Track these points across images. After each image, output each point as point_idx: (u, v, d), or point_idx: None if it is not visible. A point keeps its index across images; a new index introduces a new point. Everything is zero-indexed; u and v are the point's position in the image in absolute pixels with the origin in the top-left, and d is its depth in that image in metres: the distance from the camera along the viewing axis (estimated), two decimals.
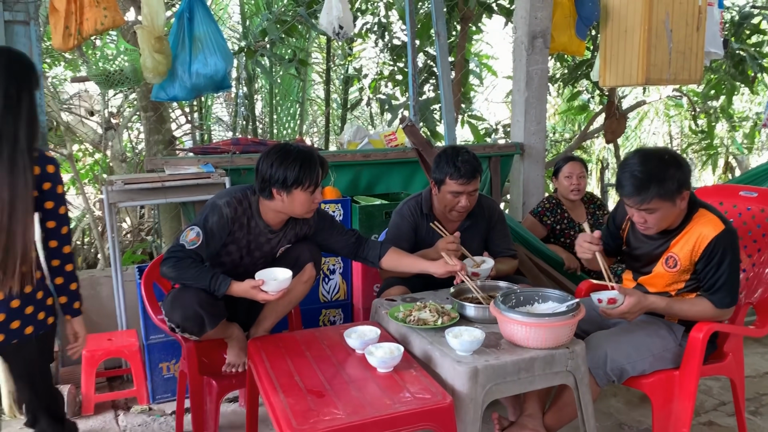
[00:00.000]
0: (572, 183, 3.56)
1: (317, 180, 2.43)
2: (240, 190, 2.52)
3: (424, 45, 5.71)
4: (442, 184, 2.76)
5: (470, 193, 2.73)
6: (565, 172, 3.60)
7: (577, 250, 2.49)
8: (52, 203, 2.04)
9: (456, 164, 2.68)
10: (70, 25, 3.15)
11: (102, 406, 3.09)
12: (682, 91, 7.27)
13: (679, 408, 2.38)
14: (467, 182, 2.69)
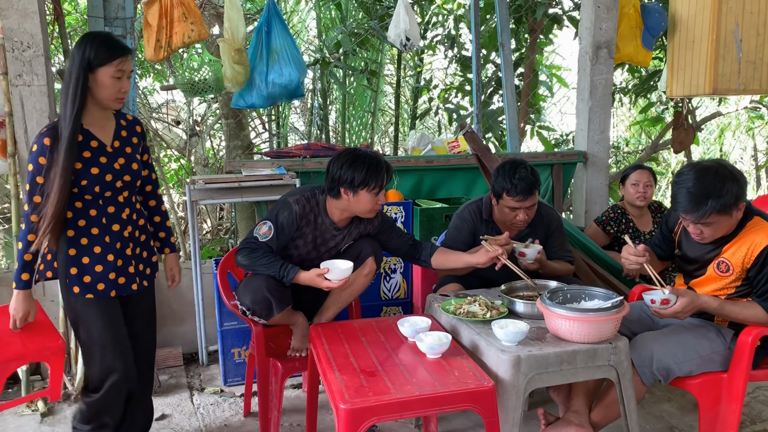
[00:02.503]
0: (638, 191, 3.59)
1: (382, 183, 2.61)
2: (309, 189, 2.73)
3: (491, 56, 5.83)
4: (500, 198, 2.86)
5: (527, 209, 2.82)
6: (633, 179, 3.64)
7: (623, 263, 2.55)
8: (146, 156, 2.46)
9: (513, 181, 2.76)
10: (161, 38, 3.48)
11: (177, 386, 3.36)
12: (762, 102, 7.05)
13: (726, 411, 2.41)
14: (524, 199, 2.78)
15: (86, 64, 2.12)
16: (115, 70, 2.15)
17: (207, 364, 3.63)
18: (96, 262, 2.26)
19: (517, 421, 2.10)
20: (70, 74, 2.12)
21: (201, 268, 3.56)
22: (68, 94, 2.11)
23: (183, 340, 3.74)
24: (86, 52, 2.11)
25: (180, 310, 3.76)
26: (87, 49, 2.12)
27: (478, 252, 2.69)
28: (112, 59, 2.14)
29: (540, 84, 6.45)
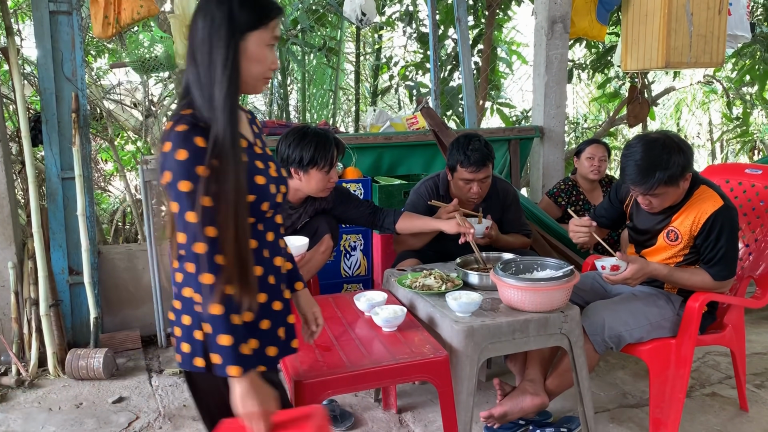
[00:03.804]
0: (593, 164, 3.65)
1: (332, 160, 2.59)
2: None
3: (449, 32, 5.82)
4: (455, 171, 2.87)
5: (481, 181, 2.84)
6: (588, 153, 3.69)
7: (572, 235, 2.59)
8: None
9: (466, 153, 2.78)
10: (108, 14, 3.38)
11: (135, 369, 3.32)
12: (715, 77, 7.19)
13: (675, 375, 2.47)
14: (477, 170, 2.79)
15: (235, 28, 1.42)
16: (270, 36, 1.48)
17: (166, 346, 3.59)
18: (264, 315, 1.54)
19: (471, 390, 2.13)
20: (211, 42, 1.41)
21: (158, 249, 3.51)
22: (215, 69, 1.40)
23: (141, 322, 3.70)
24: (233, 9, 1.42)
25: (137, 293, 3.70)
26: (234, 5, 1.42)
27: (450, 221, 2.71)
28: (269, 20, 1.47)
29: (499, 60, 6.46)
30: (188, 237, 1.37)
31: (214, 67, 1.40)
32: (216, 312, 1.36)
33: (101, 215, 6.15)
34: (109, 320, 3.65)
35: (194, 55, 1.42)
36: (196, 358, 1.43)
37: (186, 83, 1.46)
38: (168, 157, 1.37)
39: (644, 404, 2.81)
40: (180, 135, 1.37)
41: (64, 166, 3.44)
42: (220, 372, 1.39)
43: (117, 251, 3.75)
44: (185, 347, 1.45)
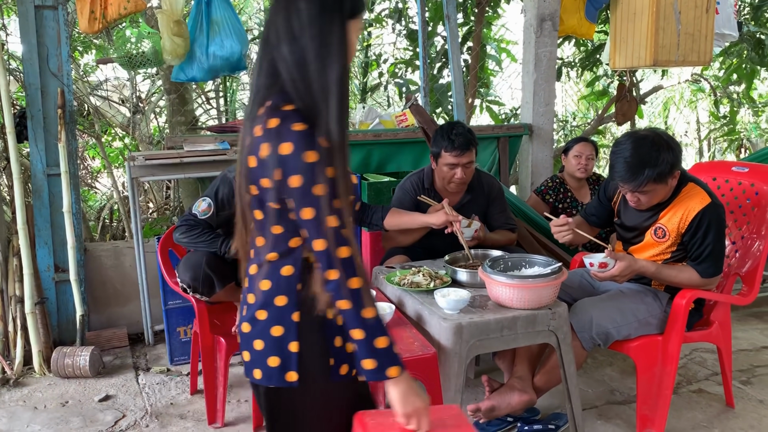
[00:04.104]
0: (580, 162, 3.65)
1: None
2: None
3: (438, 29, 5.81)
4: (439, 157, 2.88)
5: (465, 165, 2.85)
6: (576, 151, 3.69)
7: (556, 237, 2.59)
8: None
9: (450, 137, 2.80)
10: (95, 9, 3.35)
11: (122, 367, 3.30)
12: (703, 76, 7.23)
13: (662, 372, 2.48)
14: (461, 154, 2.81)
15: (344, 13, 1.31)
16: (361, 24, 1.40)
17: (153, 343, 3.57)
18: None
19: (459, 387, 2.13)
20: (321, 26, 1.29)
21: (144, 246, 3.48)
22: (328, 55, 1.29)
23: (128, 320, 3.67)
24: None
25: (124, 290, 3.68)
26: None
27: (436, 213, 2.73)
28: (364, 9, 1.39)
29: (488, 58, 6.46)
30: (330, 243, 1.27)
31: (326, 53, 1.29)
32: (371, 315, 1.30)
33: (88, 212, 6.11)
34: (96, 318, 3.62)
35: (296, 39, 1.29)
36: (289, 372, 1.35)
37: (274, 69, 1.32)
38: (293, 160, 1.25)
39: (632, 401, 2.83)
40: (303, 135, 1.26)
41: (50, 162, 3.41)
42: (374, 377, 1.33)
43: (104, 248, 3.72)
44: (273, 361, 1.35)
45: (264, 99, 1.33)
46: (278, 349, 1.35)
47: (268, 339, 1.36)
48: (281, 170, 1.27)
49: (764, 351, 3.39)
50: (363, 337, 1.30)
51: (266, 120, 1.29)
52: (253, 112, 1.34)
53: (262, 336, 1.36)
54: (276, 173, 1.27)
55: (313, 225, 1.28)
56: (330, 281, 1.29)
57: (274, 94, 1.32)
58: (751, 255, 2.71)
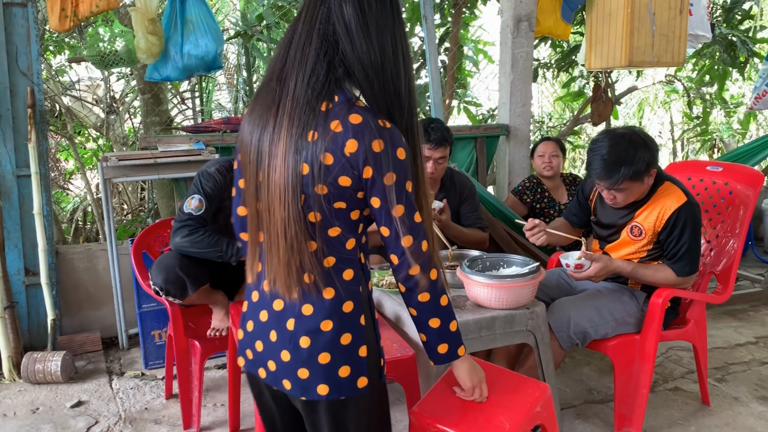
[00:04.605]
0: (544, 161, 3.70)
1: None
2: (225, 159, 2.65)
3: (415, 29, 5.81)
4: None
5: (437, 160, 2.88)
6: (539, 151, 3.75)
7: (531, 239, 2.59)
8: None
9: (427, 130, 2.84)
10: (66, 6, 3.28)
11: (95, 372, 3.23)
12: (676, 77, 7.33)
13: (639, 371, 2.50)
14: (434, 148, 2.85)
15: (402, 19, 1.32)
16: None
17: (127, 347, 3.50)
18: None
19: None
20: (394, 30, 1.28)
21: (117, 248, 3.42)
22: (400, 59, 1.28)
23: (102, 324, 3.60)
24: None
25: (97, 293, 3.61)
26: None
27: None
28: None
29: (466, 59, 6.48)
30: (416, 238, 1.29)
31: (402, 56, 1.29)
32: (446, 303, 1.36)
33: (61, 214, 6.00)
34: (68, 322, 3.55)
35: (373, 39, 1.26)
36: (360, 378, 1.31)
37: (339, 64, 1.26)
38: (386, 157, 1.24)
39: (609, 400, 2.84)
40: (393, 132, 1.25)
41: (20, 163, 3.33)
42: (448, 359, 1.42)
43: (76, 251, 3.65)
44: (344, 371, 1.30)
45: (326, 93, 1.25)
46: (349, 356, 1.30)
47: (338, 349, 1.29)
48: (372, 167, 1.24)
49: (738, 348, 3.44)
50: (439, 324, 1.36)
51: (346, 115, 1.23)
52: (312, 106, 1.24)
53: (330, 347, 1.29)
54: (366, 171, 1.24)
55: (402, 222, 1.28)
56: (412, 276, 1.31)
57: (339, 90, 1.27)
58: (726, 254, 2.74)
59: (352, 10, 1.25)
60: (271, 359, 1.33)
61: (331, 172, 1.23)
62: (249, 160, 1.30)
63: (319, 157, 1.22)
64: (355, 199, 1.27)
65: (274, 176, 1.25)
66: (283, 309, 1.31)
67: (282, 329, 1.31)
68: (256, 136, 1.29)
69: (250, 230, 1.36)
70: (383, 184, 1.25)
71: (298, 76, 1.25)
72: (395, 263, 1.32)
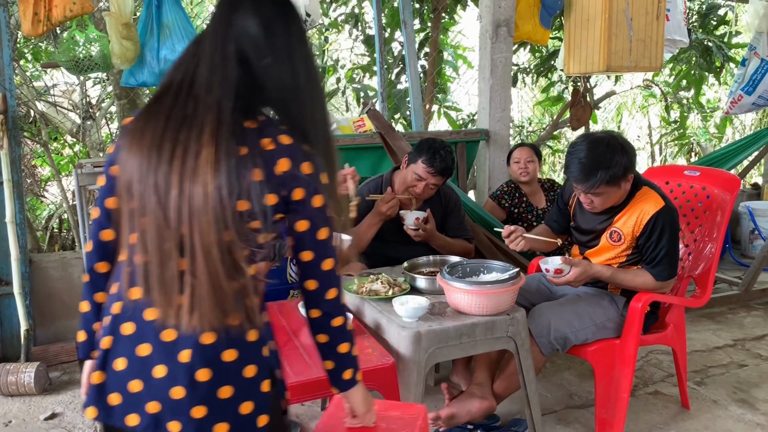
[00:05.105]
0: (520, 167, 3.71)
1: None
2: None
3: (395, 35, 5.80)
4: (413, 163, 2.87)
5: (429, 185, 2.86)
6: (515, 157, 3.76)
7: (510, 246, 2.58)
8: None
9: (435, 155, 2.80)
10: (39, 11, 3.22)
11: (70, 383, 3.17)
12: (654, 81, 7.40)
13: (620, 375, 2.50)
14: (434, 174, 2.82)
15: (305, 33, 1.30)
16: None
17: None
18: None
19: (419, 397, 2.10)
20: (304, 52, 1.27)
21: None
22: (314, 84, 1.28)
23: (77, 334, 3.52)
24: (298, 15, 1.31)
25: (72, 303, 3.53)
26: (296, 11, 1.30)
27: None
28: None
29: (445, 64, 6.49)
30: (335, 263, 1.30)
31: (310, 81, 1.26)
32: (351, 327, 1.36)
33: (36, 222, 5.90)
34: (42, 332, 3.47)
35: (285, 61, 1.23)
36: (262, 415, 1.22)
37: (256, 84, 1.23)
38: (315, 180, 1.24)
39: (590, 404, 2.84)
40: (317, 157, 1.25)
41: None
42: (351, 385, 1.40)
43: (50, 260, 3.58)
44: (246, 408, 1.20)
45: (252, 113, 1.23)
46: (252, 391, 1.21)
47: (241, 382, 1.20)
48: (303, 189, 1.23)
49: (717, 351, 3.46)
50: (347, 349, 1.35)
51: (276, 135, 1.22)
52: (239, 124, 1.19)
53: (233, 380, 1.19)
54: (297, 192, 1.22)
55: (325, 245, 1.27)
56: (330, 300, 1.30)
57: (260, 108, 1.26)
58: (704, 257, 2.76)
59: (261, 33, 1.23)
60: (155, 400, 1.17)
61: (258, 188, 1.19)
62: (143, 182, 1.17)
63: (249, 173, 1.18)
64: (271, 221, 1.23)
65: (192, 197, 1.14)
66: (176, 339, 1.17)
67: (174, 363, 1.17)
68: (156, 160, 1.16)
69: (127, 254, 1.21)
70: (312, 206, 1.25)
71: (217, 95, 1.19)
72: (313, 288, 1.29)
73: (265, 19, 1.23)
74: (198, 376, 1.16)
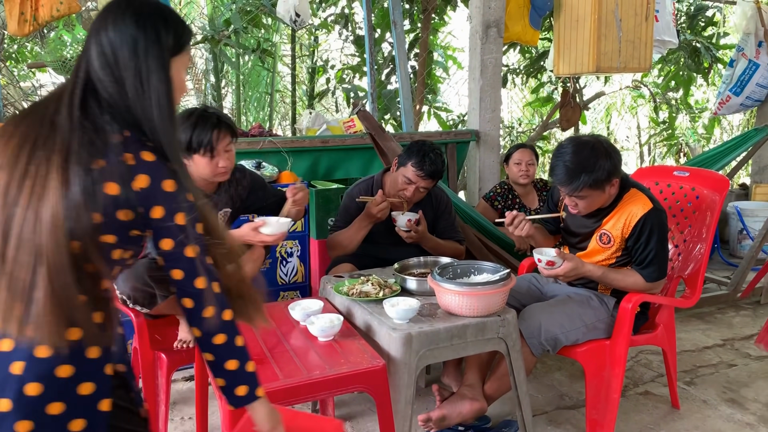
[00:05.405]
0: (521, 169, 3.69)
1: (211, 145, 2.36)
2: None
3: (385, 35, 5.80)
4: (403, 166, 2.85)
5: (420, 188, 2.84)
6: (515, 158, 3.74)
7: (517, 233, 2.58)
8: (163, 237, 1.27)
9: (425, 158, 2.77)
10: (25, 11, 3.20)
11: None
12: (643, 82, 7.44)
13: (610, 375, 2.50)
14: (424, 178, 2.80)
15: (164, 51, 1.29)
16: (188, 60, 1.37)
17: None
18: None
19: (409, 399, 2.09)
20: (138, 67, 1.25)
21: None
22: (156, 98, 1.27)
23: None
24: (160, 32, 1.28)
25: None
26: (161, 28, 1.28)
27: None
28: (188, 44, 1.35)
29: (435, 64, 6.49)
30: (209, 279, 1.29)
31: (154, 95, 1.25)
32: (242, 343, 1.35)
33: None
34: None
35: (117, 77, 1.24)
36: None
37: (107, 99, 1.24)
38: (179, 198, 1.24)
39: (581, 405, 2.84)
40: (155, 165, 1.22)
41: None
42: (247, 401, 1.38)
43: None
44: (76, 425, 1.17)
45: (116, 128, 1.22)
46: (86, 409, 1.19)
47: (74, 399, 1.17)
48: (164, 207, 1.23)
49: (706, 351, 3.47)
50: (237, 366, 1.34)
51: (138, 151, 1.22)
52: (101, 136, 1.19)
53: (65, 397, 1.17)
54: (156, 210, 1.22)
55: (195, 263, 1.27)
56: (207, 318, 1.29)
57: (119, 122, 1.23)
58: (693, 258, 2.76)
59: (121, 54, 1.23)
60: None
61: (112, 202, 1.18)
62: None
63: (103, 185, 1.17)
64: (125, 236, 1.22)
65: (40, 207, 1.13)
66: (12, 350, 1.14)
67: (5, 373, 1.14)
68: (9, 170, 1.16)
69: None
70: (175, 224, 1.24)
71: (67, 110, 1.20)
72: (189, 306, 1.29)
73: (123, 40, 1.24)
74: (27, 390, 1.13)
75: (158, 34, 1.26)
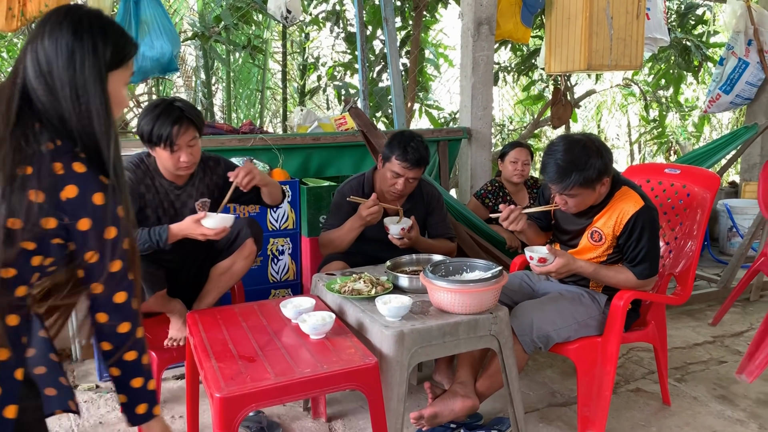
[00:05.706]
0: (516, 168, 3.69)
1: (171, 137, 2.32)
2: (136, 155, 2.55)
3: (377, 32, 5.78)
4: (388, 161, 2.84)
5: (409, 179, 2.82)
6: (512, 157, 3.72)
7: (511, 227, 2.58)
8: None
9: (406, 148, 2.76)
10: (13, 6, 3.17)
11: None
12: (634, 80, 7.47)
13: (602, 372, 2.50)
14: (410, 168, 2.79)
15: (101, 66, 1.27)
16: (129, 75, 1.36)
17: (81, 359, 3.38)
18: None
19: (402, 396, 2.08)
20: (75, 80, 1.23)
21: None
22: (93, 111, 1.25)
23: None
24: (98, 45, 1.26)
25: None
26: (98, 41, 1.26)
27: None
28: (129, 58, 1.34)
29: (427, 62, 6.48)
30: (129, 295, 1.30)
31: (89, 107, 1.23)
32: (147, 361, 1.37)
33: None
34: None
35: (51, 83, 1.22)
36: None
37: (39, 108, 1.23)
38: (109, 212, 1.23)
39: (572, 402, 2.84)
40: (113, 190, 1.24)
41: None
42: (145, 419, 1.39)
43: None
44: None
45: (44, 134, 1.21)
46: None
47: None
48: (91, 220, 1.21)
49: (697, 348, 3.49)
50: (141, 384, 1.36)
51: (70, 162, 1.21)
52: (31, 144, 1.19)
53: None
54: (83, 222, 1.21)
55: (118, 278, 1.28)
56: (121, 333, 1.30)
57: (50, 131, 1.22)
58: (685, 255, 2.77)
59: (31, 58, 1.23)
60: None
61: (35, 210, 1.16)
62: None
63: (27, 192, 1.15)
64: (47, 244, 1.20)
65: None
66: None
67: None
68: None
69: None
70: (103, 238, 1.23)
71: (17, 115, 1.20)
72: (103, 321, 1.30)
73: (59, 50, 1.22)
74: None
75: (96, 46, 1.24)
